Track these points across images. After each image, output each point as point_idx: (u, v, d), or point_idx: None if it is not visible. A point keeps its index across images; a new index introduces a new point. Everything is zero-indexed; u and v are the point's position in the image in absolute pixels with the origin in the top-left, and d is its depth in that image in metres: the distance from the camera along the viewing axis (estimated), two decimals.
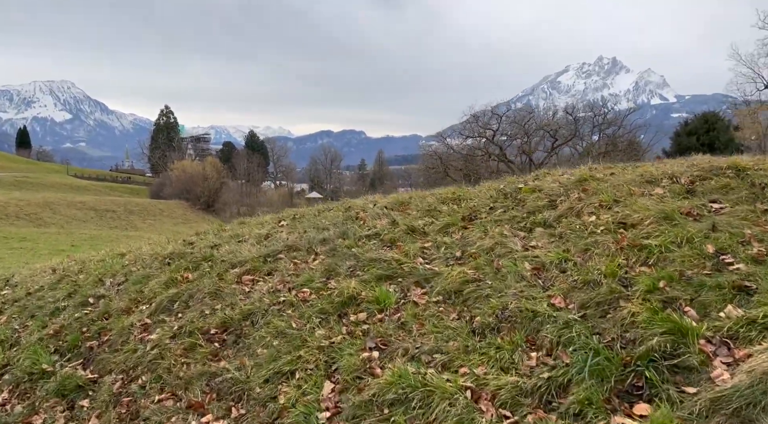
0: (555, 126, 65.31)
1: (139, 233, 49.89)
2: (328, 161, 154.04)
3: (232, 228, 8.07)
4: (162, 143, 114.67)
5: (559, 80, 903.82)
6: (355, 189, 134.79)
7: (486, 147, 66.19)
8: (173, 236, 33.33)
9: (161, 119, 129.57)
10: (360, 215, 6.69)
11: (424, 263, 5.10)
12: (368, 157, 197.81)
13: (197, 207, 78.41)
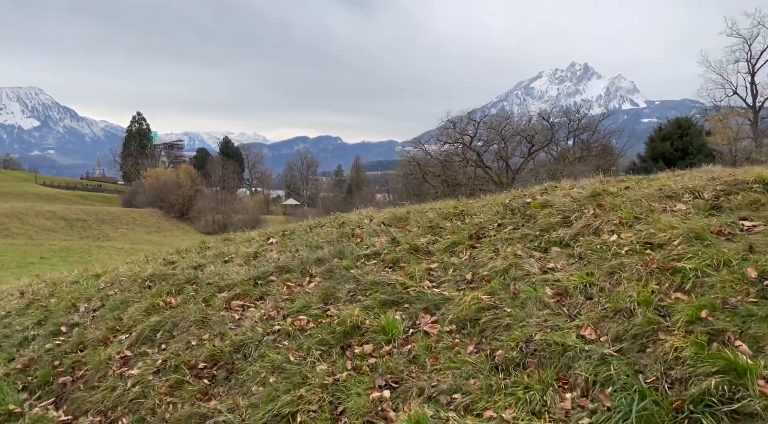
0: (531, 132, 65.77)
1: (112, 242, 48.66)
2: (304, 167, 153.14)
3: (216, 246, 7.57)
4: (134, 150, 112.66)
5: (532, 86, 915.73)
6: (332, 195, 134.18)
7: (464, 153, 66.32)
8: (149, 248, 32.55)
9: (133, 126, 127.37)
10: (356, 232, 6.29)
11: (432, 286, 4.72)
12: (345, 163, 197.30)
13: (171, 215, 77.00)
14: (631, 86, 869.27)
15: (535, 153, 64.86)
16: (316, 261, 5.68)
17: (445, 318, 4.26)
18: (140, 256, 8.69)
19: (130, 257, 9.13)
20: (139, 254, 36.48)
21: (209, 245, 7.65)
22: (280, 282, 5.48)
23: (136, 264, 7.67)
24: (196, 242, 8.68)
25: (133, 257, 8.80)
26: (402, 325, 4.34)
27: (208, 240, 8.37)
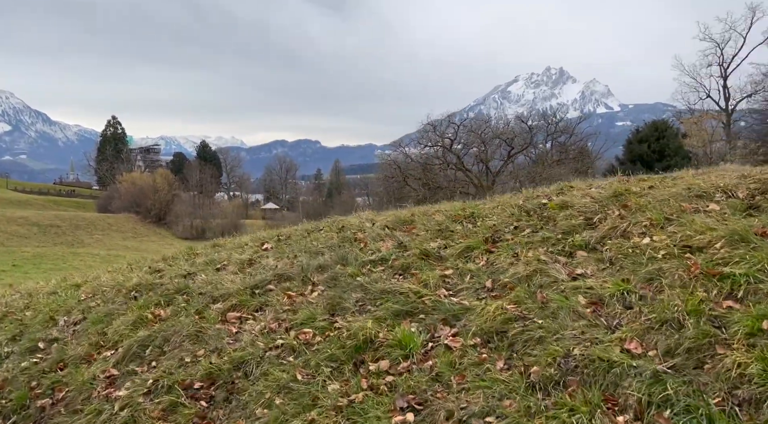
0: (511, 134, 66.08)
1: (87, 249, 47.49)
2: (283, 171, 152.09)
3: (205, 252, 7.10)
4: (110, 155, 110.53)
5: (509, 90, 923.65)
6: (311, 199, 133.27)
7: (444, 156, 66.34)
8: (126, 254, 31.73)
9: (108, 130, 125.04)
10: (358, 236, 5.90)
11: (449, 295, 4.35)
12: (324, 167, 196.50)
13: (148, 220, 75.60)
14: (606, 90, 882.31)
15: (515, 156, 65.19)
16: (317, 268, 5.28)
17: (467, 330, 3.89)
18: (122, 264, 8.17)
19: (111, 265, 8.58)
20: (118, 261, 35.60)
21: (198, 252, 7.19)
22: (280, 291, 5.07)
23: (119, 273, 7.16)
24: (178, 248, 8.24)
25: (115, 265, 8.27)
26: (420, 338, 3.96)
27: (195, 246, 7.89)
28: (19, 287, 8.08)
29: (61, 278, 7.88)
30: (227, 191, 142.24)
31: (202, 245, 7.85)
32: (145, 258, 8.15)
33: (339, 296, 4.74)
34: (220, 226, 75.92)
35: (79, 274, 8.09)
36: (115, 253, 38.50)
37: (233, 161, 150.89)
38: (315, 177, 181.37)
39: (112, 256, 35.09)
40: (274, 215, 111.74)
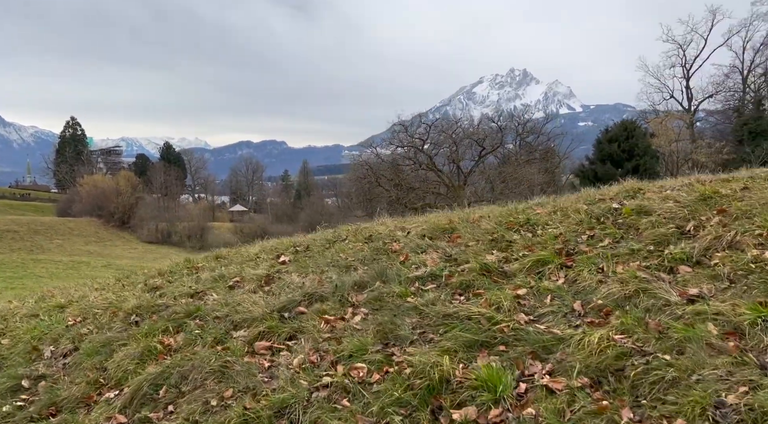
0: (482, 135, 66.20)
1: (48, 255, 45.30)
2: (249, 173, 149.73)
3: (209, 266, 6.22)
4: (69, 157, 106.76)
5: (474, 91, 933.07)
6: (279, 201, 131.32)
7: (416, 156, 65.99)
8: (89, 260, 29.80)
9: (67, 131, 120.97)
10: (393, 248, 5.14)
11: (531, 321, 3.64)
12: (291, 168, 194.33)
13: (111, 224, 73.11)
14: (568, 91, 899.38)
15: (486, 156, 65.30)
16: (354, 286, 4.52)
17: (568, 367, 3.19)
18: (108, 278, 7.21)
19: (95, 280, 7.59)
20: (83, 268, 33.97)
21: (199, 265, 6.30)
22: (314, 315, 4.29)
23: (108, 290, 6.19)
24: (173, 259, 7.34)
25: (101, 280, 7.30)
26: (508, 377, 3.26)
27: (194, 259, 6.96)
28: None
29: (38, 296, 6.81)
30: (192, 193, 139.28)
31: (202, 257, 6.95)
32: (134, 271, 7.23)
33: (390, 321, 3.99)
34: (186, 229, 74.01)
35: (60, 291, 7.01)
36: (78, 259, 36.76)
37: (198, 163, 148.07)
38: (282, 178, 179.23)
39: (76, 262, 33.43)
40: (242, 217, 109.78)
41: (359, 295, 4.49)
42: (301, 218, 72.98)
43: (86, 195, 78.41)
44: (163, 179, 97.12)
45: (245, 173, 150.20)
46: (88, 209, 75.30)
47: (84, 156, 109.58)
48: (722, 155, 50.06)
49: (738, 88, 60.95)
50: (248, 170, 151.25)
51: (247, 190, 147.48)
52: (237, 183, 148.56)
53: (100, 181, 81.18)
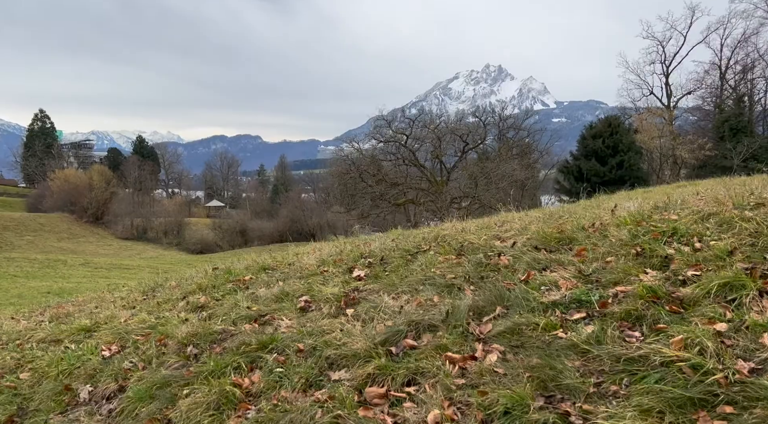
0: (466, 130, 65.90)
1: (21, 252, 43.47)
2: (224, 167, 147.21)
3: (259, 278, 5.22)
4: (39, 150, 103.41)
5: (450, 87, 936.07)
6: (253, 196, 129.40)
7: (399, 151, 65.37)
8: (64, 258, 28.06)
9: (35, 124, 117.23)
10: (501, 262, 4.27)
11: (755, 370, 2.74)
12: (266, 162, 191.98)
13: (84, 220, 71.04)
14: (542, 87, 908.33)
15: (469, 151, 65.02)
16: (471, 313, 3.66)
17: None
18: (129, 289, 6.16)
19: (116, 293, 6.53)
20: (60, 266, 32.42)
21: (246, 278, 5.25)
22: (431, 351, 3.38)
23: (141, 308, 5.04)
24: (205, 268, 6.40)
25: (124, 293, 6.22)
26: None
27: (237, 270, 5.77)
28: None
29: (52, 314, 5.70)
30: (166, 188, 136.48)
31: (244, 268, 5.89)
32: (160, 283, 6.15)
33: (547, 364, 3.06)
34: (163, 225, 72.31)
35: (76, 307, 5.82)
36: (54, 257, 35.20)
37: (171, 157, 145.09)
38: (258, 173, 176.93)
39: (52, 261, 31.96)
40: (219, 212, 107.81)
41: (483, 325, 3.54)
42: (282, 214, 71.71)
43: (58, 190, 76.05)
44: (138, 174, 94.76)
45: (220, 168, 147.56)
46: (60, 205, 73.08)
47: (54, 150, 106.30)
48: (704, 152, 50.43)
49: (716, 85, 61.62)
50: (223, 165, 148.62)
51: (223, 185, 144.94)
52: (212, 178, 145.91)
53: (72, 175, 78.73)
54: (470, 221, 6.32)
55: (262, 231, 67.71)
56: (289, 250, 6.99)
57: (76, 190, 73.19)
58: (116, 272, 30.53)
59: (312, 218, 65.94)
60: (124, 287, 7.02)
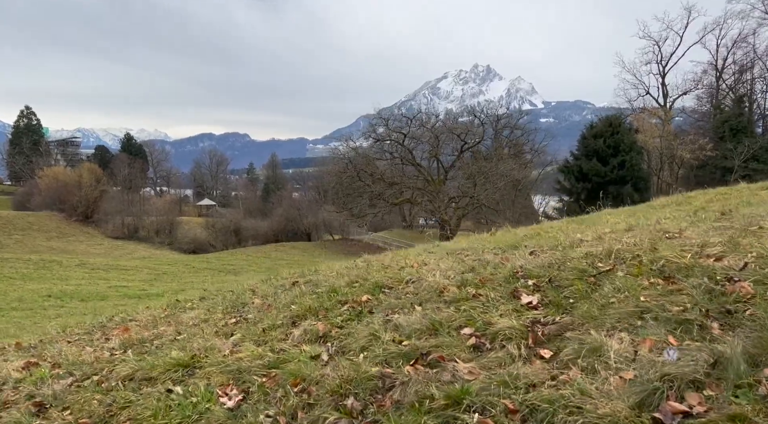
0: (464, 129, 65.41)
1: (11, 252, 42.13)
2: (213, 165, 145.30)
3: (377, 298, 4.31)
4: (26, 148, 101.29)
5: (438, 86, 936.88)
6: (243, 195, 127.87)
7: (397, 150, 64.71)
8: (57, 258, 26.72)
9: (21, 121, 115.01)
10: (743, 289, 3.27)
11: None
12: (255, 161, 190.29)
13: (73, 219, 69.44)
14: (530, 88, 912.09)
15: (467, 150, 64.50)
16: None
17: None
18: (207, 307, 5.11)
19: (178, 309, 5.60)
20: (55, 267, 31.27)
21: (362, 300, 4.15)
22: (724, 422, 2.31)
23: (245, 338, 3.76)
24: (250, 276, 5.62)
25: (192, 311, 5.21)
26: None
27: (337, 286, 4.61)
28: (44, 353, 4.55)
29: (123, 340, 4.31)
30: (154, 186, 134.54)
31: (344, 283, 4.86)
32: (240, 296, 5.19)
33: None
34: (154, 224, 70.93)
35: (155, 335, 4.54)
36: (48, 257, 34.00)
37: (160, 155, 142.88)
38: (247, 171, 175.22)
39: (47, 261, 30.81)
40: (210, 211, 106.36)
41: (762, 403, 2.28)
42: (276, 213, 70.62)
43: (46, 188, 74.36)
44: (128, 172, 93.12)
45: (209, 166, 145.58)
46: (49, 203, 71.43)
47: (42, 147, 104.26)
48: (705, 152, 50.23)
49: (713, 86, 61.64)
50: (212, 163, 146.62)
51: (212, 183, 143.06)
52: (201, 176, 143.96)
53: (61, 173, 77.01)
54: (571, 223, 5.52)
55: (256, 230, 66.61)
56: (365, 259, 6.16)
57: (65, 188, 71.55)
58: (114, 273, 29.49)
59: (307, 218, 64.94)
60: (188, 303, 6.09)
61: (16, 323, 13.39)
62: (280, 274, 8.29)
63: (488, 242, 6.35)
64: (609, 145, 49.08)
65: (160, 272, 31.71)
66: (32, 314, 15.16)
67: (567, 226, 8.49)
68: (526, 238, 6.73)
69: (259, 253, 49.59)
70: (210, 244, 63.81)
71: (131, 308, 15.39)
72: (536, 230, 8.59)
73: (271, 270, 41.32)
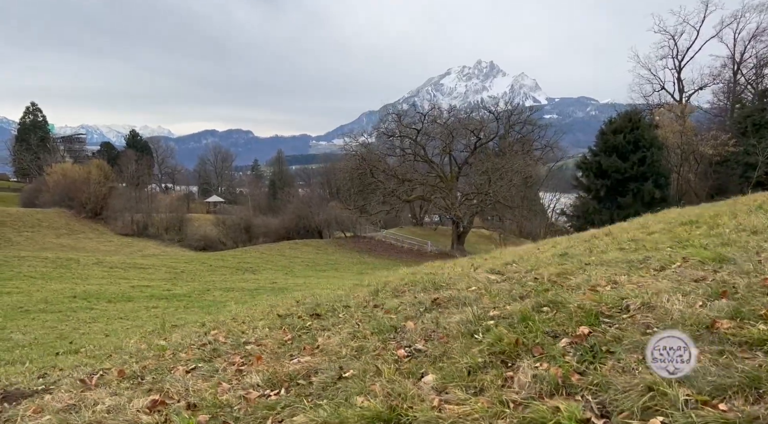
0: (479, 125, 64.51)
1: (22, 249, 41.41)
2: (218, 162, 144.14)
3: (600, 329, 3.35)
4: (34, 144, 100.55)
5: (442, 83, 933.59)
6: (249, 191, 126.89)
7: (412, 148, 63.86)
8: (65, 256, 25.60)
9: (27, 118, 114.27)
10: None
11: None
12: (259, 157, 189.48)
13: (82, 216, 68.73)
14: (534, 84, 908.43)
15: (481, 146, 63.56)
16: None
17: None
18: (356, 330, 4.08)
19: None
20: (74, 265, 30.54)
21: (579, 330, 3.40)
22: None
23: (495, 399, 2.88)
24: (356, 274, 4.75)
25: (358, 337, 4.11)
26: None
27: (527, 313, 3.64)
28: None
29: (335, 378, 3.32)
30: (159, 183, 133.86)
31: (529, 309, 3.83)
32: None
33: None
34: (164, 221, 70.13)
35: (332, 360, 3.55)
36: (66, 255, 33.26)
37: (165, 152, 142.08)
38: (252, 168, 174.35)
39: (65, 260, 30.06)
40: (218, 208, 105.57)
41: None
42: (288, 210, 69.75)
43: (54, 185, 73.67)
44: (136, 168, 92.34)
45: (214, 162, 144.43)
46: (57, 200, 70.73)
47: (50, 144, 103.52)
48: (728, 148, 49.26)
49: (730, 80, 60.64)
50: (217, 159, 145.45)
51: (217, 180, 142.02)
52: (205, 173, 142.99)
53: (70, 170, 76.28)
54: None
55: (267, 227, 65.77)
56: (500, 271, 5.20)
57: (74, 185, 70.82)
58: (133, 272, 28.75)
59: (319, 215, 64.06)
60: (297, 316, 5.09)
61: (51, 327, 12.57)
62: (371, 280, 7.40)
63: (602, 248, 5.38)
64: (629, 140, 48.04)
65: (179, 271, 30.96)
66: (64, 317, 14.36)
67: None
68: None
69: (273, 250, 48.77)
70: (220, 241, 63.03)
71: (180, 313, 14.51)
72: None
73: (287, 268, 40.45)
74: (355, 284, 8.26)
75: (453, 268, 7.79)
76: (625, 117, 51.46)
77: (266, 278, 30.10)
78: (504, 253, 11.33)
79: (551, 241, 13.40)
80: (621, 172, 48.90)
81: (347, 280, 30.02)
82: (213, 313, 14.41)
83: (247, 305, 10.26)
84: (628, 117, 51.12)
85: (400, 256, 54.29)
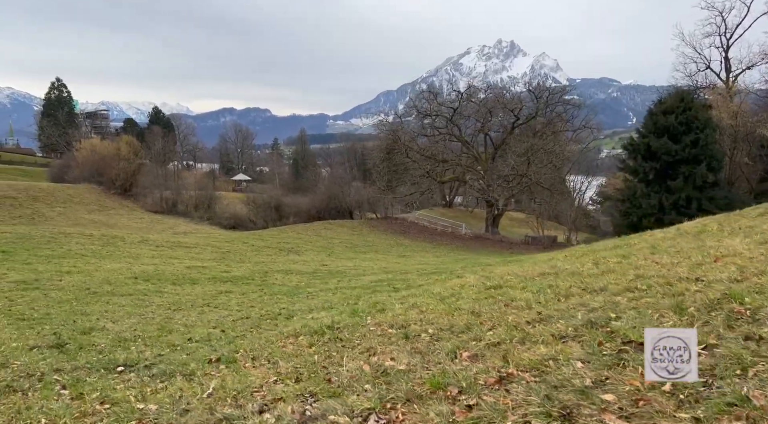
0: (518, 105, 62.51)
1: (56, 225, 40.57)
2: (239, 140, 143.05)
3: None
4: (62, 120, 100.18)
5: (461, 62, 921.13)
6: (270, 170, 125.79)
7: (448, 127, 62.10)
8: (99, 232, 24.27)
9: (52, 93, 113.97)
10: None
11: None
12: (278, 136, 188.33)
13: (112, 192, 68.17)
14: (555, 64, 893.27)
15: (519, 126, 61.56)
16: None
17: None
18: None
19: None
20: (119, 244, 29.47)
21: None
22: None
23: None
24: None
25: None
26: None
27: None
28: None
29: None
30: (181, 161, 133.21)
31: None
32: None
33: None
34: (193, 199, 69.31)
35: None
36: (111, 233, 32.36)
37: (186, 129, 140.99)
38: (272, 147, 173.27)
39: (110, 237, 29.12)
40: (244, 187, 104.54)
41: None
42: (319, 190, 68.51)
43: (83, 160, 73.13)
44: (162, 145, 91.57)
45: (234, 140, 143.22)
46: (86, 176, 70.20)
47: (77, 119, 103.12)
48: None
49: None
50: (238, 137, 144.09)
51: (238, 158, 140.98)
52: (226, 151, 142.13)
53: (99, 145, 75.63)
54: None
55: (298, 207, 64.66)
56: None
57: (104, 161, 70.20)
58: (180, 251, 27.75)
59: (350, 195, 62.68)
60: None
61: (139, 315, 11.39)
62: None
63: None
64: (681, 121, 45.90)
65: (225, 250, 29.98)
66: (138, 302, 13.22)
67: None
68: None
69: (309, 231, 47.64)
70: (250, 220, 62.16)
71: (276, 302, 13.20)
72: None
73: (328, 250, 39.37)
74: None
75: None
76: (676, 96, 49.14)
77: (314, 260, 28.92)
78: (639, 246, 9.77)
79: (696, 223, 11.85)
80: (672, 155, 46.77)
81: (396, 262, 28.77)
82: (302, 301, 13.17)
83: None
84: (680, 96, 48.81)
85: (434, 238, 52.81)
